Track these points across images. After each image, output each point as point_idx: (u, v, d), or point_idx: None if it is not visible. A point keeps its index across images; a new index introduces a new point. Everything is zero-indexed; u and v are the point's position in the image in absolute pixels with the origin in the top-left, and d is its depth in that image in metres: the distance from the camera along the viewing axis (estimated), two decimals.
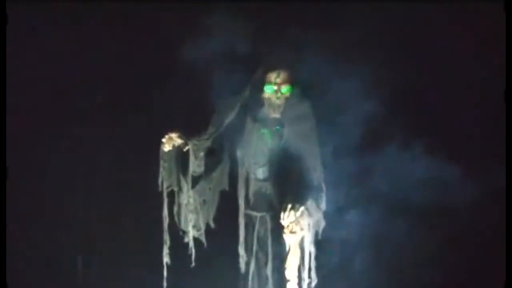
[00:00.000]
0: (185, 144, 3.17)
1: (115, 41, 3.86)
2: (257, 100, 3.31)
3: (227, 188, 3.42)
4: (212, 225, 3.40)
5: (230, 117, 3.28)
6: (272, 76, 3.25)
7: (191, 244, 3.30)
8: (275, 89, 3.25)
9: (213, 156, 3.30)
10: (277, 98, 3.26)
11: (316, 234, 3.15)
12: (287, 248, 3.03)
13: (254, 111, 3.33)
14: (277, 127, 3.30)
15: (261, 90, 3.28)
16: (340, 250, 3.61)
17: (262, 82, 3.28)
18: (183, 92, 3.64)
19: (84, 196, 4.03)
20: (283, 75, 3.25)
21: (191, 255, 3.28)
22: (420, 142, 3.57)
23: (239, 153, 3.34)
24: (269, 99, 3.28)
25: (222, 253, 3.49)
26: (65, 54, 3.89)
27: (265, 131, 3.31)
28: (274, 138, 3.30)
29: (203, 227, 3.36)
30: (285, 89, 3.26)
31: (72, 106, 3.93)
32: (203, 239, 3.35)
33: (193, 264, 3.28)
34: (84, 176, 4.01)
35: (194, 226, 3.31)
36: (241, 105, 3.30)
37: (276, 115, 3.29)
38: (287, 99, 3.27)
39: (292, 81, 3.27)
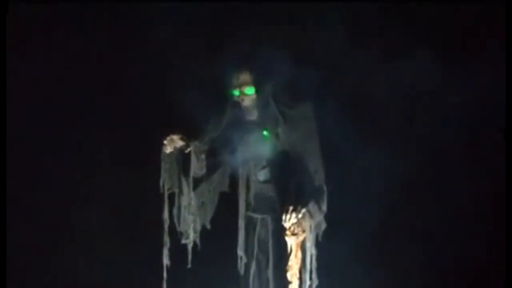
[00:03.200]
0: (187, 146, 3.17)
1: (116, 42, 3.85)
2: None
3: (227, 189, 3.42)
4: (208, 226, 3.39)
5: (224, 123, 3.29)
6: (233, 80, 3.24)
7: (191, 245, 3.30)
8: (238, 91, 3.24)
9: (214, 158, 3.30)
10: (242, 100, 3.24)
11: (317, 236, 3.16)
12: (288, 250, 3.02)
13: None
14: (276, 129, 3.28)
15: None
16: None
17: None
18: (184, 93, 3.63)
19: (84, 197, 4.02)
20: (242, 77, 3.22)
21: (191, 256, 3.28)
22: None
23: (239, 155, 3.32)
24: (238, 102, 3.26)
25: (223, 255, 3.48)
26: (66, 54, 3.88)
27: (264, 132, 3.30)
28: (272, 139, 3.28)
29: (199, 228, 3.35)
30: (246, 90, 3.23)
31: (72, 108, 3.92)
32: (197, 240, 3.34)
33: (189, 265, 3.27)
34: (84, 177, 4.00)
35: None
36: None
37: (252, 117, 3.27)
38: (254, 100, 3.24)
39: (252, 82, 3.22)
